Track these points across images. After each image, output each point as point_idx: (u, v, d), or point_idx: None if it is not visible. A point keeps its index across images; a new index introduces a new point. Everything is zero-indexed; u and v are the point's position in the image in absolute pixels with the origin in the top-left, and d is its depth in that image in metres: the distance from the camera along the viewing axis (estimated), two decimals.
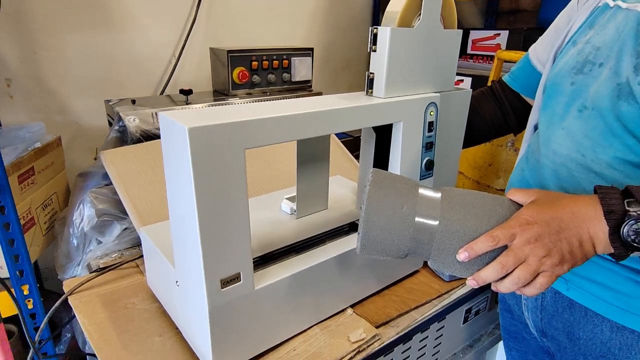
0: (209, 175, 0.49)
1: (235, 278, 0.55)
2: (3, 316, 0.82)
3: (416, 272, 0.85)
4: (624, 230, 0.43)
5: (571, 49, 0.59)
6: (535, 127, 0.68)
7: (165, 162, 0.55)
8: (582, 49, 0.56)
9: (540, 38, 0.74)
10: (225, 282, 0.54)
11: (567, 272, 0.50)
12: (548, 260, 0.44)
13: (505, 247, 0.47)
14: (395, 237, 0.51)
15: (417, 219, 0.50)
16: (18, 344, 1.09)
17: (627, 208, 0.43)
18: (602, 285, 0.56)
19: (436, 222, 0.50)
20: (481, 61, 1.81)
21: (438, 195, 0.52)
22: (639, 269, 0.54)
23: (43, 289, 1.27)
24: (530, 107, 0.74)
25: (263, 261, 0.64)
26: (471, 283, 0.48)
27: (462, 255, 0.47)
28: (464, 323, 0.89)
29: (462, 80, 1.75)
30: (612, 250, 0.45)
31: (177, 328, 0.67)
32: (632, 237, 0.42)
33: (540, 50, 0.73)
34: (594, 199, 0.45)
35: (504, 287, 0.46)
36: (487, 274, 0.46)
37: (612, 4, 0.55)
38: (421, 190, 0.53)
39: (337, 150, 1.16)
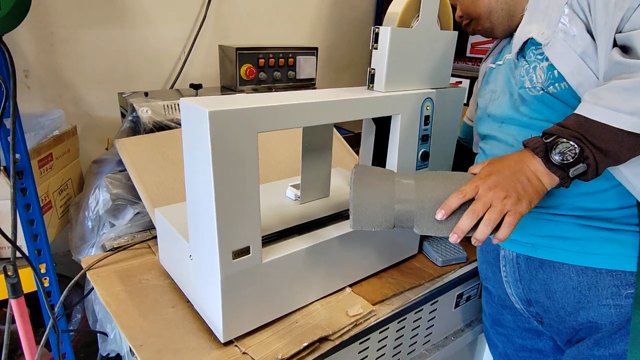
0: (225, 155, 0.54)
1: (246, 250, 0.60)
2: None
3: (412, 257, 0.90)
4: (552, 156, 0.55)
5: (481, 100, 0.82)
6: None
7: (185, 144, 0.60)
8: (485, 96, 0.80)
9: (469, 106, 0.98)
10: (237, 254, 0.60)
11: (534, 236, 0.66)
12: (508, 200, 0.55)
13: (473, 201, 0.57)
14: (380, 209, 0.61)
15: (396, 193, 0.61)
16: (31, 322, 1.14)
17: (546, 141, 0.56)
18: (561, 238, 0.66)
19: (412, 194, 0.61)
20: (479, 64, 1.86)
21: (411, 174, 0.64)
22: (585, 215, 0.65)
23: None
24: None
25: (270, 239, 0.70)
26: (453, 238, 0.57)
27: (439, 215, 0.58)
28: (455, 307, 0.94)
29: (460, 82, 1.81)
30: (555, 177, 0.56)
31: (189, 301, 0.73)
32: (559, 157, 0.54)
33: (469, 113, 0.98)
34: (525, 148, 0.59)
35: (480, 234, 0.55)
36: (463, 223, 0.56)
37: (493, 65, 0.80)
38: (397, 174, 0.65)
39: (339, 145, 1.22)
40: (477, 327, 1.01)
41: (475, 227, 0.56)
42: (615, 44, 0.57)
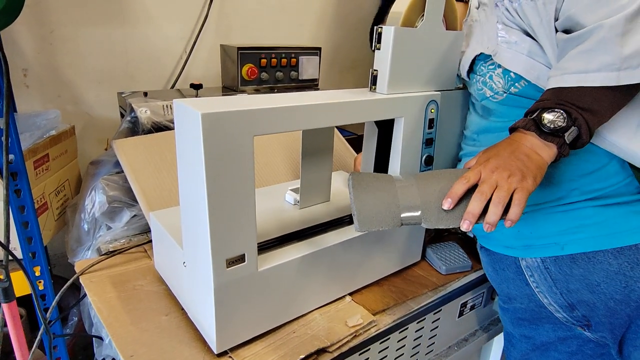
0: (219, 158, 0.52)
1: (240, 258, 0.58)
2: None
3: (415, 264, 0.87)
4: (544, 128, 0.56)
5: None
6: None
7: (178, 147, 0.58)
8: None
9: None
10: (231, 262, 0.57)
11: (555, 234, 0.65)
12: (513, 178, 0.55)
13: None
14: (385, 207, 0.60)
15: (398, 190, 0.62)
16: (26, 327, 1.13)
17: (532, 117, 0.58)
18: (583, 226, 0.65)
19: (415, 189, 0.61)
20: None
21: (409, 174, 0.66)
22: (597, 195, 0.64)
23: (52, 274, 1.31)
24: None
25: (267, 246, 0.67)
26: (465, 225, 0.56)
27: (446, 204, 0.58)
28: (459, 317, 0.92)
29: None
30: (553, 147, 0.57)
31: (183, 309, 0.71)
32: (551, 125, 0.56)
33: None
34: (515, 130, 0.61)
35: (491, 215, 0.54)
36: (473, 206, 0.55)
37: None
38: (394, 176, 0.66)
39: (341, 147, 1.19)
40: (481, 337, 0.98)
41: (484, 212, 0.55)
42: (556, 32, 0.61)
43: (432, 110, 0.74)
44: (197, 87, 1.21)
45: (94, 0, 1.24)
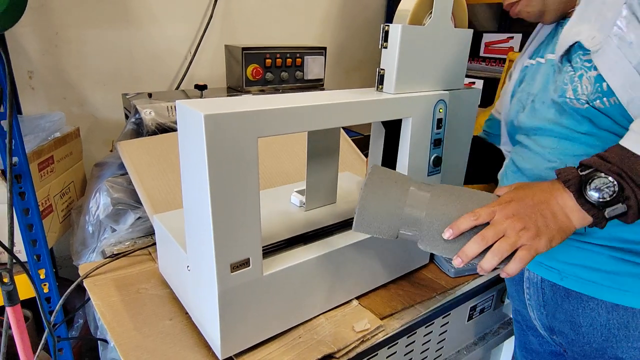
0: (223, 161, 0.51)
1: (245, 263, 0.57)
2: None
3: (423, 267, 0.86)
4: (587, 192, 0.48)
5: (514, 100, 0.73)
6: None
7: (181, 149, 0.57)
8: (520, 97, 0.71)
9: (499, 99, 0.87)
10: (235, 267, 0.56)
11: (561, 262, 0.57)
12: (525, 233, 0.49)
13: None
14: (386, 216, 0.57)
15: (407, 201, 0.57)
16: (32, 329, 1.13)
17: (581, 174, 0.49)
18: (591, 269, 0.59)
19: (424, 206, 0.56)
20: (493, 64, 1.81)
21: (430, 186, 0.59)
22: (621, 247, 0.57)
23: (58, 276, 1.31)
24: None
25: (272, 249, 0.66)
26: (456, 261, 0.52)
27: (447, 234, 0.52)
28: (468, 320, 0.90)
29: (473, 83, 1.76)
30: (588, 217, 0.49)
31: (187, 313, 0.70)
32: (596, 195, 0.47)
33: (498, 106, 0.87)
34: (556, 179, 0.52)
35: (486, 263, 0.50)
36: (470, 248, 0.50)
37: (533, 62, 0.71)
38: (413, 182, 0.60)
39: (347, 148, 1.18)
40: (491, 341, 0.96)
41: (484, 254, 0.50)
42: None
43: (441, 110, 0.73)
44: (201, 88, 1.20)
45: (98, 2, 1.24)
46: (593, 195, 0.48)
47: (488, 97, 1.51)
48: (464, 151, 0.85)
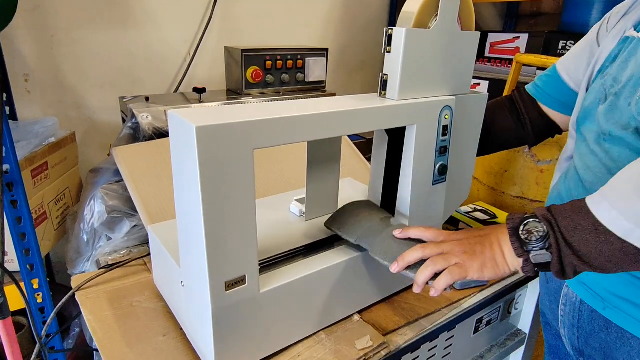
0: (216, 175, 0.48)
1: (240, 281, 0.54)
2: (13, 309, 0.83)
3: None
4: (519, 232, 0.50)
5: (599, 81, 0.59)
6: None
7: (173, 160, 0.54)
8: (605, 82, 0.57)
9: (569, 55, 0.72)
10: (230, 285, 0.53)
11: (605, 290, 0.55)
12: (463, 255, 0.52)
13: None
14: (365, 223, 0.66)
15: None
16: (28, 337, 1.10)
17: (524, 216, 0.50)
18: (638, 307, 0.54)
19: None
20: (499, 65, 1.77)
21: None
22: None
23: (54, 282, 1.29)
24: (550, 121, 0.77)
25: (270, 264, 0.63)
26: (393, 267, 0.56)
27: (393, 268, 0.56)
28: (474, 333, 0.87)
29: (478, 84, 1.72)
30: (517, 259, 0.50)
31: (182, 328, 0.67)
32: (524, 236, 0.49)
33: (573, 69, 0.70)
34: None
35: (420, 274, 0.53)
36: (409, 254, 0.54)
37: (636, 35, 0.54)
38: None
39: (349, 152, 1.15)
40: (498, 353, 0.93)
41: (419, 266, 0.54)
42: None
43: (447, 117, 0.69)
44: (200, 91, 1.17)
45: (95, 4, 1.21)
46: (522, 236, 0.49)
47: (493, 99, 1.48)
48: (470, 159, 0.82)
